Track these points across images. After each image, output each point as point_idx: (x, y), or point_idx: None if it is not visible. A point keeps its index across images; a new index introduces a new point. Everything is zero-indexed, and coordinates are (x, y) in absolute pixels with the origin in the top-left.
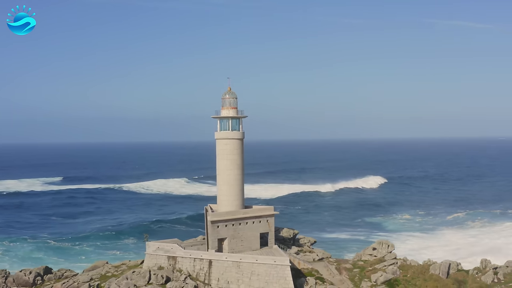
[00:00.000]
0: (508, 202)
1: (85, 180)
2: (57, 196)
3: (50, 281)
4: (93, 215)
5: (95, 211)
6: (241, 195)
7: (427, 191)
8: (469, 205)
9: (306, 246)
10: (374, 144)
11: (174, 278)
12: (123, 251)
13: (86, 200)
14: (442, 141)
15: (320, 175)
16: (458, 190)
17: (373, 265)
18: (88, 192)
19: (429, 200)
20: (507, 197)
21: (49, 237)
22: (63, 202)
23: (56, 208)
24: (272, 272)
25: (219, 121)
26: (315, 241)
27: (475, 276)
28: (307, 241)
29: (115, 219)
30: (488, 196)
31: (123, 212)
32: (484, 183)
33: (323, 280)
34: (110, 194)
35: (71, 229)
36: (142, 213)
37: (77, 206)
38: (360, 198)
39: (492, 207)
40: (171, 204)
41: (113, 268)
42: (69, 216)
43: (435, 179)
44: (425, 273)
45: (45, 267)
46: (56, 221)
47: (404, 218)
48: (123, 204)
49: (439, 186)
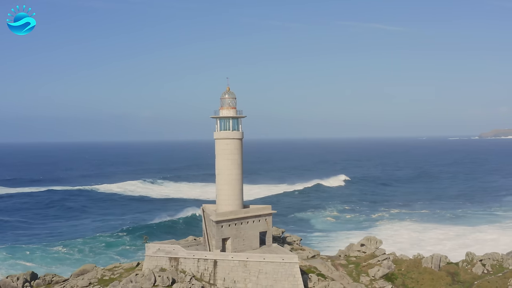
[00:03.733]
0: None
1: (51, 182)
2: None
3: (40, 286)
4: (62, 218)
5: (64, 214)
6: (241, 195)
7: (354, 192)
8: (393, 204)
9: (296, 244)
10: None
11: (179, 280)
12: (104, 254)
13: (56, 203)
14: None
15: None
16: (383, 191)
17: (367, 260)
18: (53, 193)
19: (357, 199)
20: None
21: (22, 241)
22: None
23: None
24: (281, 270)
25: (218, 121)
26: (301, 239)
27: (466, 268)
28: (296, 239)
29: (90, 222)
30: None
31: (96, 215)
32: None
33: (324, 277)
34: (80, 196)
35: (41, 232)
36: (116, 216)
37: (45, 209)
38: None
39: (407, 207)
40: (142, 206)
41: (107, 271)
42: (37, 220)
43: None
44: (418, 266)
45: (31, 272)
46: (21, 225)
47: (332, 215)
48: (96, 207)
49: (366, 187)
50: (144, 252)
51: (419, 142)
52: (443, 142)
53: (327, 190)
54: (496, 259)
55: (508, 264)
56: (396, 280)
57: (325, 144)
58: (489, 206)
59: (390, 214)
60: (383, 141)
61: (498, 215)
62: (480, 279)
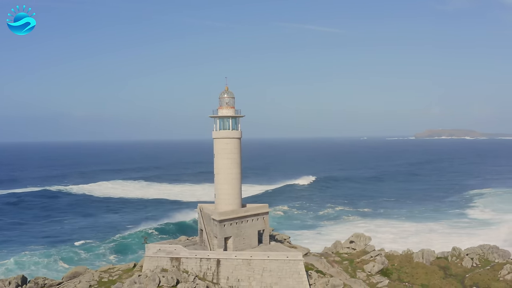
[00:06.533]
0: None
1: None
2: None
3: None
4: (40, 220)
5: (42, 215)
6: (240, 194)
7: (309, 190)
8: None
9: (287, 242)
10: None
11: (183, 280)
12: (93, 257)
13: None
14: None
15: None
16: (333, 189)
17: (360, 256)
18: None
19: (307, 197)
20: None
21: None
22: None
23: None
24: (285, 268)
25: (218, 121)
26: (289, 237)
27: (455, 262)
28: (286, 238)
29: (71, 224)
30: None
31: (75, 216)
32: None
33: (323, 273)
34: (56, 198)
35: (20, 235)
36: (97, 217)
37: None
38: None
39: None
40: (126, 207)
41: (103, 273)
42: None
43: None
44: (410, 261)
45: (22, 276)
46: None
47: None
48: (74, 208)
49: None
50: (138, 253)
51: (361, 142)
52: (384, 142)
53: None
54: (478, 253)
55: (494, 258)
56: (391, 275)
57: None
58: (437, 204)
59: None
60: (321, 141)
61: (449, 213)
62: (470, 272)
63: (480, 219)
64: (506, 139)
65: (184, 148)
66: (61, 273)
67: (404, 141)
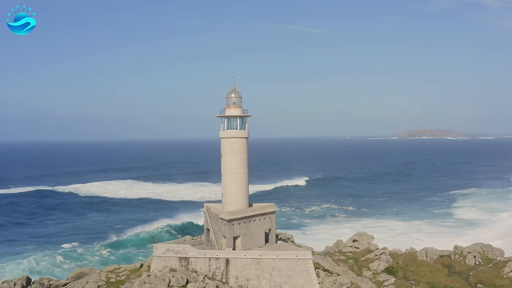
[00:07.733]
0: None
1: None
2: None
3: None
4: (37, 220)
5: (38, 215)
6: (248, 194)
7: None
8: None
9: (290, 241)
10: None
11: (192, 279)
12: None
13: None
14: None
15: None
16: (322, 187)
17: (364, 255)
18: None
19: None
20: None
21: None
22: None
23: None
24: (295, 267)
25: (225, 120)
26: (292, 236)
27: (459, 260)
28: (290, 237)
29: (69, 224)
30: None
31: (72, 216)
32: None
33: (330, 272)
34: (53, 197)
35: (25, 235)
36: (97, 217)
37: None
38: None
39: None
40: (126, 207)
41: (110, 273)
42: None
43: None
44: (415, 260)
45: (26, 277)
46: None
47: None
48: (67, 208)
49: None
50: (142, 252)
51: (344, 142)
52: (366, 142)
53: None
54: (478, 251)
55: (495, 255)
56: (397, 273)
57: None
58: (421, 204)
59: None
60: (305, 141)
61: (435, 213)
62: (474, 269)
63: (466, 219)
64: (487, 139)
65: (179, 148)
66: (61, 274)
67: (386, 141)
